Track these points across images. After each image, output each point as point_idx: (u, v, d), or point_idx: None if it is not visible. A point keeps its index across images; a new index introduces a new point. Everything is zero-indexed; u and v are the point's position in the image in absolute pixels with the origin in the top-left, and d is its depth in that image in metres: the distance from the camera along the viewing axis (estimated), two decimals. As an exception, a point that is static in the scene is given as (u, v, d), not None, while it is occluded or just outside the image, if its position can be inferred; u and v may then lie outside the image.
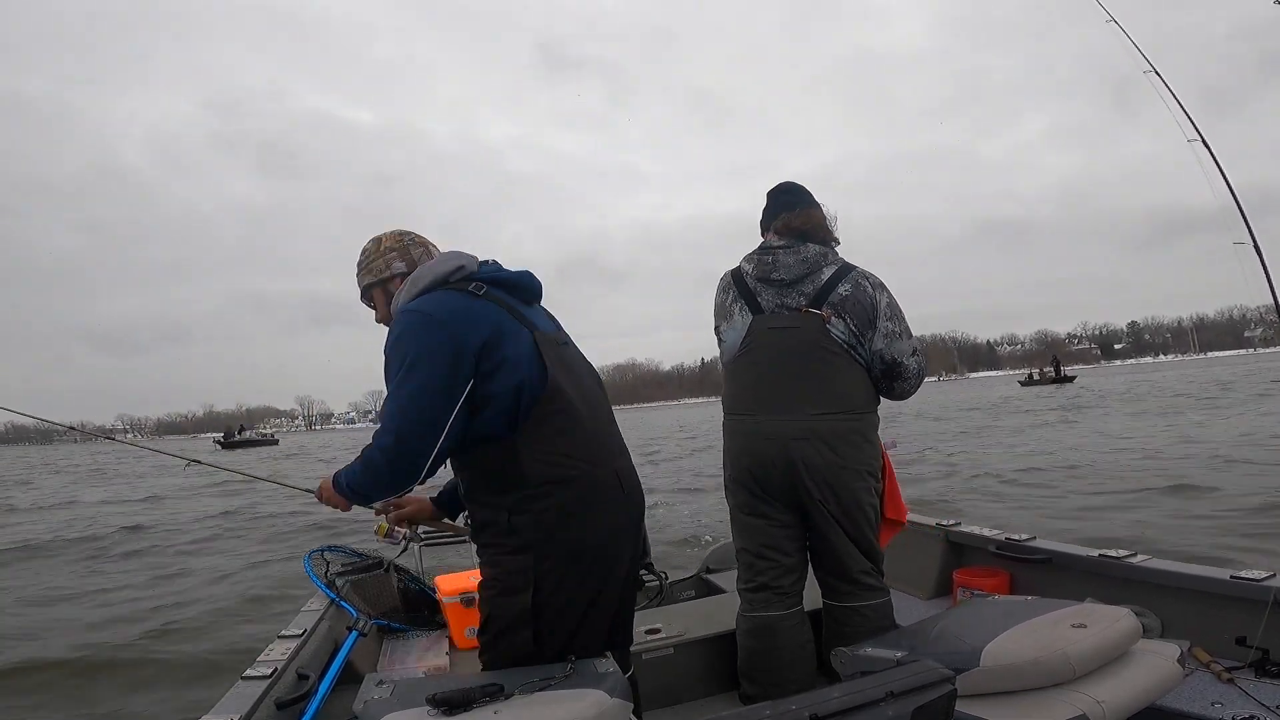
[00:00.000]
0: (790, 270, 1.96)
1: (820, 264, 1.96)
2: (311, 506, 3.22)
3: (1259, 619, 1.68)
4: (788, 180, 2.19)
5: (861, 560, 1.97)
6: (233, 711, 1.53)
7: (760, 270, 2.00)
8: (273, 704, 1.63)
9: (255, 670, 1.75)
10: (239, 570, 7.13)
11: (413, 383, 1.42)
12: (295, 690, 1.74)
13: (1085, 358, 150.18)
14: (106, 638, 5.09)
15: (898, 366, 1.98)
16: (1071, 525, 6.03)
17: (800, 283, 1.96)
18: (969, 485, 8.93)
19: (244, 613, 5.60)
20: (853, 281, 1.95)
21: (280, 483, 2.99)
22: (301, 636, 2.02)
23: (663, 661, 2.18)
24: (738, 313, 2.02)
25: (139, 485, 18.17)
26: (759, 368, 1.97)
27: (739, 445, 2.02)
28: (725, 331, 2.05)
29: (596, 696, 1.27)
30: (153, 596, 6.27)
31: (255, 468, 17.37)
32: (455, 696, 1.23)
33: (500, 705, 1.24)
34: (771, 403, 1.94)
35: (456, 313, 1.47)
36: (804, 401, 1.92)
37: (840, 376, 1.93)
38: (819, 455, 1.90)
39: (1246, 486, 7.12)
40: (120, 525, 10.44)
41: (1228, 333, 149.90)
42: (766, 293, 1.99)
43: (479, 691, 1.25)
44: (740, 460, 2.01)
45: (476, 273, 1.59)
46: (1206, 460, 9.10)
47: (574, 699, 1.26)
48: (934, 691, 1.09)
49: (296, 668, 1.84)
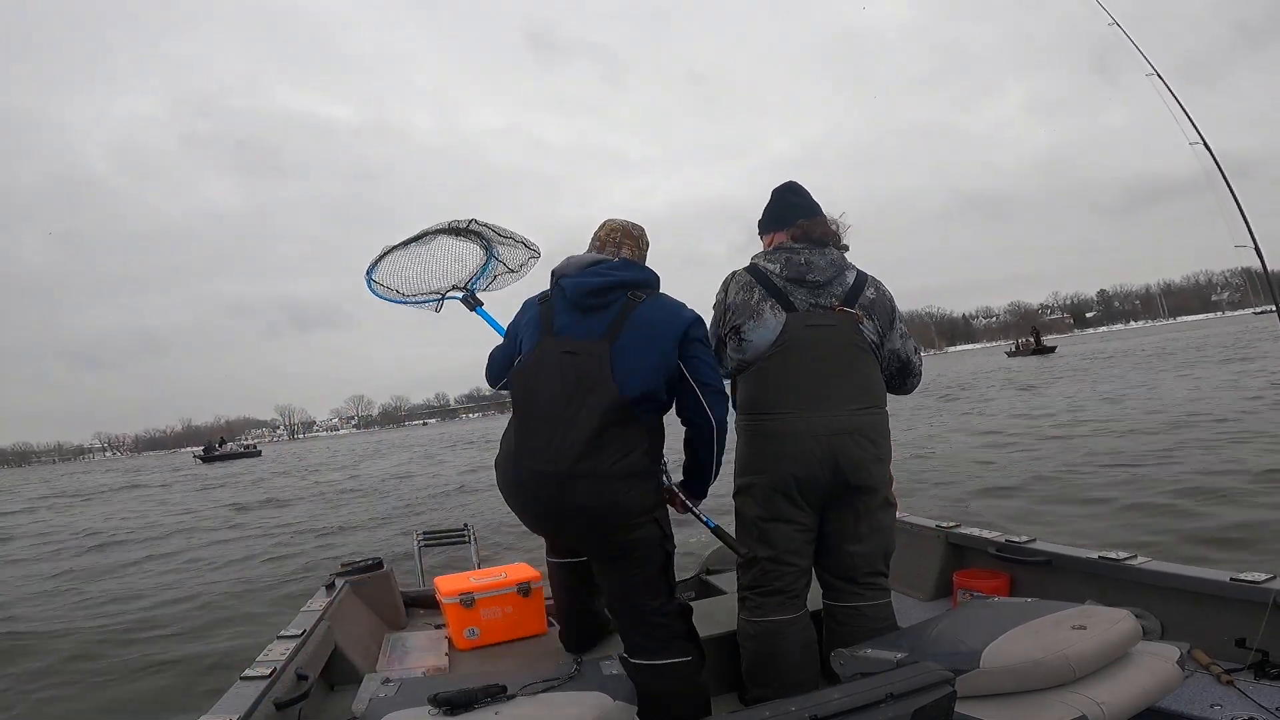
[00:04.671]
0: (824, 272, 2.01)
1: (844, 267, 2.06)
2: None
3: (1259, 621, 1.68)
4: (791, 180, 2.20)
5: (876, 561, 1.99)
6: (232, 711, 1.53)
7: (792, 271, 2.01)
8: (272, 704, 1.63)
9: (254, 670, 1.75)
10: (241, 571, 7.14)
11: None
12: (294, 690, 1.74)
13: (1059, 327, 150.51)
14: (107, 639, 5.10)
15: (909, 364, 2.12)
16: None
17: (830, 284, 2.02)
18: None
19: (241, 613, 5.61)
20: (874, 286, 2.06)
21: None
22: (301, 637, 2.02)
23: None
24: (768, 311, 1.99)
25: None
26: (798, 365, 1.96)
27: (775, 446, 1.95)
28: (752, 330, 2.00)
29: (598, 699, 1.27)
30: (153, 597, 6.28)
31: (248, 490, 17.28)
32: (457, 696, 1.24)
33: (501, 706, 1.24)
34: (815, 400, 1.94)
35: (518, 315, 2.03)
36: (844, 398, 1.95)
37: (871, 372, 2.01)
38: (861, 450, 1.93)
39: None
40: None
41: (1194, 297, 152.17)
42: (798, 292, 2.00)
43: (480, 692, 1.25)
44: (778, 462, 1.94)
45: (560, 275, 1.95)
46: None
47: (575, 701, 1.27)
48: (934, 693, 1.09)
49: (296, 668, 1.84)
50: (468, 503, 10.67)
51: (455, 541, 3.54)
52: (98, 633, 5.29)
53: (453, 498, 11.82)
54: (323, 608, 2.32)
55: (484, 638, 2.45)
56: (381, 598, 2.72)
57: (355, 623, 2.46)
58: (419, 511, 10.47)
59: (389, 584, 2.79)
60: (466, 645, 2.44)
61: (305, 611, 2.31)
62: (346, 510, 11.62)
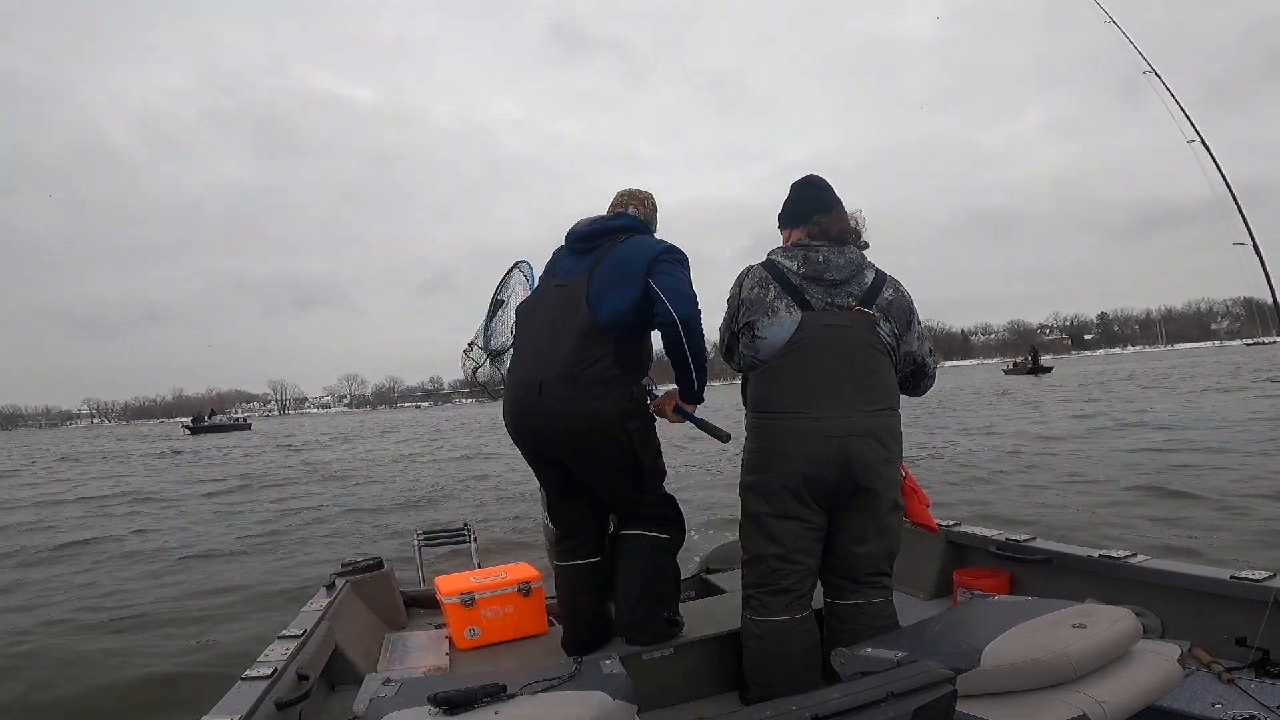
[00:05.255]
0: (841, 271, 1.99)
1: (862, 266, 2.03)
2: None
3: (1259, 619, 1.68)
4: (812, 174, 2.16)
5: (880, 562, 1.98)
6: (233, 712, 1.53)
7: (810, 269, 1.99)
8: (272, 704, 1.63)
9: (255, 670, 1.75)
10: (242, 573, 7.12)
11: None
12: (295, 691, 1.74)
13: (1056, 348, 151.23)
14: (107, 638, 5.09)
15: (924, 366, 2.11)
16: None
17: (848, 283, 1.99)
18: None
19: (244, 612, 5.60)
20: (892, 286, 2.03)
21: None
22: (301, 637, 2.02)
23: (663, 662, 2.18)
24: (783, 308, 1.97)
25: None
26: (812, 365, 1.94)
27: (785, 445, 1.95)
28: (766, 328, 1.99)
29: (599, 698, 1.27)
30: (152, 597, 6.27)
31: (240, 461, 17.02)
32: (457, 696, 1.23)
33: (502, 705, 1.24)
34: (827, 400, 1.92)
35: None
36: (858, 399, 1.93)
37: (885, 374, 1.99)
38: (873, 451, 1.92)
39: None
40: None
41: (1194, 325, 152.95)
42: (815, 290, 1.98)
43: (480, 691, 1.25)
44: (787, 461, 1.94)
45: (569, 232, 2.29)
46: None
47: (575, 701, 1.26)
48: (934, 692, 1.09)
49: (296, 668, 1.84)
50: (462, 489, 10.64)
51: (455, 541, 3.54)
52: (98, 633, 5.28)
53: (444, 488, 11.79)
54: (323, 608, 2.32)
55: (484, 637, 2.45)
56: (382, 598, 2.72)
57: (355, 623, 2.46)
58: (417, 507, 10.44)
59: (389, 584, 2.79)
60: (467, 645, 2.44)
61: (306, 611, 2.31)
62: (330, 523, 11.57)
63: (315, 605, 2.37)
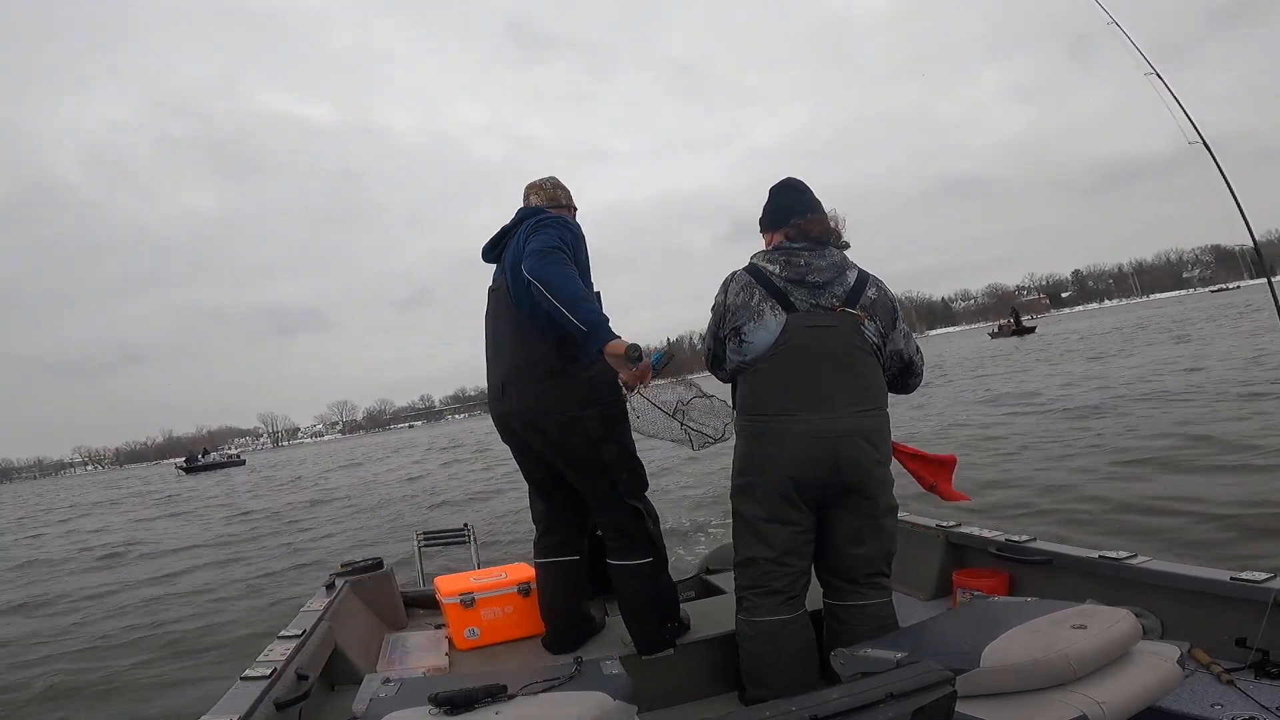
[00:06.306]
0: (824, 273, 2.00)
1: (844, 267, 2.03)
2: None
3: (1259, 620, 1.68)
4: (790, 176, 2.17)
5: (878, 563, 1.99)
6: (232, 712, 1.53)
7: (792, 272, 2.00)
8: (272, 704, 1.63)
9: (254, 670, 1.75)
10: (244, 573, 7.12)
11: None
12: (295, 691, 1.74)
13: (1036, 308, 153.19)
14: (107, 639, 5.09)
15: (911, 365, 2.11)
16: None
17: (831, 285, 1.99)
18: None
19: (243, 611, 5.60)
20: (875, 286, 2.03)
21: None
22: (301, 637, 2.02)
23: (663, 662, 2.18)
24: (769, 311, 1.98)
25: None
26: (798, 367, 1.95)
27: (774, 448, 1.95)
28: (752, 331, 2.00)
29: (599, 699, 1.27)
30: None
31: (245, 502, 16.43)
32: (457, 696, 1.23)
33: (502, 705, 1.24)
34: (814, 401, 1.93)
35: None
36: (846, 399, 1.93)
37: (873, 374, 1.99)
38: (863, 452, 1.92)
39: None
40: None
41: (1166, 274, 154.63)
42: (798, 293, 1.99)
43: (481, 691, 1.25)
44: (776, 464, 1.94)
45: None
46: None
47: (576, 701, 1.26)
48: (934, 692, 1.09)
49: (296, 668, 1.84)
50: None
51: (455, 541, 3.55)
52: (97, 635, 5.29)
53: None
54: (323, 608, 2.32)
55: (484, 638, 2.45)
56: (381, 598, 2.73)
57: (355, 623, 2.46)
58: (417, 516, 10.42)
59: (389, 584, 2.79)
60: (467, 645, 2.44)
61: (305, 611, 2.31)
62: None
63: (315, 605, 2.37)
